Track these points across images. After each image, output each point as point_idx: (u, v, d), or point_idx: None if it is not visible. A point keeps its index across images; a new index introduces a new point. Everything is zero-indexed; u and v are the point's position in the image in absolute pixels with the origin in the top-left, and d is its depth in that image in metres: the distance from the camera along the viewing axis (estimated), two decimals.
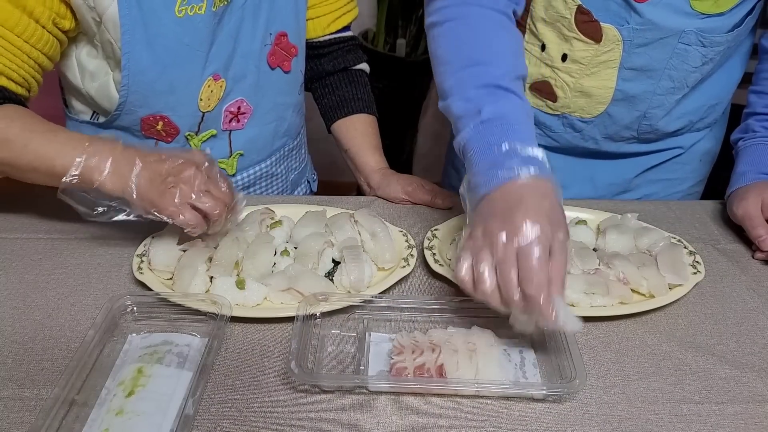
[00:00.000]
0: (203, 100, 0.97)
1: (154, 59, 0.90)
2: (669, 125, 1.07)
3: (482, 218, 0.69)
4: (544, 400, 0.68)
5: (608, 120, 1.05)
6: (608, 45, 0.96)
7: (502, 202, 0.68)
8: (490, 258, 0.67)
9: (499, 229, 0.66)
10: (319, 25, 1.11)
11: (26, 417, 0.64)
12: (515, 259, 0.65)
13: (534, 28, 1.02)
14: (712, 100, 1.07)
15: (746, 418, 0.67)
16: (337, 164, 1.35)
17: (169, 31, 0.89)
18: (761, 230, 0.92)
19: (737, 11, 0.93)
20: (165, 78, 0.92)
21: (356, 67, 1.18)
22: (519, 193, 0.68)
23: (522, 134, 0.72)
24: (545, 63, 1.03)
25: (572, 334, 0.68)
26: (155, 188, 0.77)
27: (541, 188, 0.69)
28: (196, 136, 1.01)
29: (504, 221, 0.66)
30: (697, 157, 1.16)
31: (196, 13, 0.89)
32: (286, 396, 0.68)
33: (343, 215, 0.92)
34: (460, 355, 0.70)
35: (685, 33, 0.94)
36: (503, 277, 0.65)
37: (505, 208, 0.67)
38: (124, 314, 0.75)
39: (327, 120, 1.18)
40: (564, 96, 1.04)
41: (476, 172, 0.72)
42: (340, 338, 0.75)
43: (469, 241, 0.70)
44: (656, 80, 1.00)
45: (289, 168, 1.20)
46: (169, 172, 0.78)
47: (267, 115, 1.07)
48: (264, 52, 1.01)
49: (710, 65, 0.99)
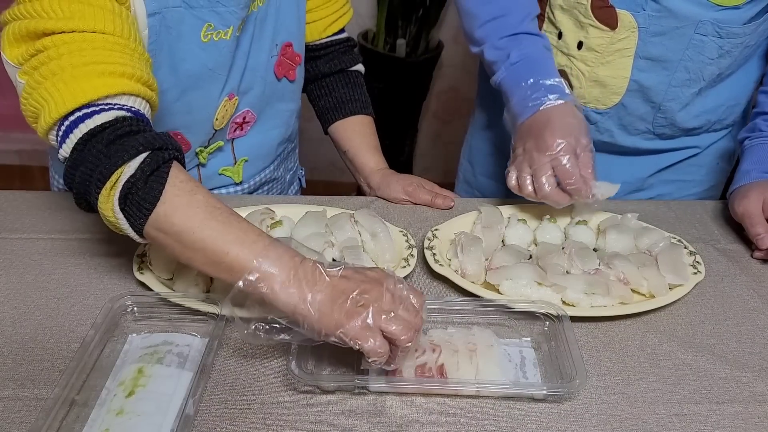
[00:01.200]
0: (218, 119, 0.97)
1: (175, 82, 0.88)
2: (687, 121, 1.07)
3: (522, 140, 0.92)
4: (544, 400, 0.68)
5: (623, 111, 1.05)
6: (623, 32, 0.97)
7: (534, 125, 0.90)
8: (528, 169, 0.91)
9: (534, 146, 0.90)
10: (315, 30, 1.11)
11: (26, 417, 0.64)
12: (548, 167, 0.88)
13: (552, 16, 1.03)
14: (731, 101, 1.07)
15: (746, 418, 0.68)
16: (337, 164, 1.35)
17: (194, 57, 0.88)
18: (760, 228, 0.92)
19: (753, 6, 0.94)
20: (183, 100, 0.91)
21: (352, 69, 1.18)
22: (546, 116, 0.90)
23: (544, 68, 0.95)
24: (561, 51, 1.04)
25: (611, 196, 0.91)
26: (339, 307, 0.64)
27: (563, 109, 0.90)
28: (204, 150, 1.01)
29: (537, 140, 0.89)
30: (713, 159, 1.15)
31: (221, 39, 0.88)
32: (286, 396, 0.68)
33: (343, 215, 0.92)
34: (461, 356, 0.70)
35: (702, 23, 0.94)
36: (537, 181, 0.89)
37: (537, 130, 0.90)
38: (125, 314, 0.75)
39: (324, 122, 1.18)
40: (579, 86, 1.04)
41: (513, 104, 0.94)
42: None
43: (513, 160, 0.94)
44: (671, 71, 1.00)
45: (286, 169, 1.20)
46: (353, 291, 0.65)
47: (270, 122, 1.07)
48: (271, 63, 1.00)
49: (727, 59, 0.99)
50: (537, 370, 0.71)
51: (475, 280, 0.83)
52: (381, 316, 0.64)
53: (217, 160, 1.04)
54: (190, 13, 0.85)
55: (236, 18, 0.88)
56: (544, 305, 0.75)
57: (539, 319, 0.75)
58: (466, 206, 1.03)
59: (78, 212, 0.97)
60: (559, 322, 0.73)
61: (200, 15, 0.85)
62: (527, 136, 0.91)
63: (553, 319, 0.74)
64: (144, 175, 0.66)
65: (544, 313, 0.75)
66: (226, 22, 0.87)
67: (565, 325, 0.73)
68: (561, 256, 0.84)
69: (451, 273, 0.83)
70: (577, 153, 0.88)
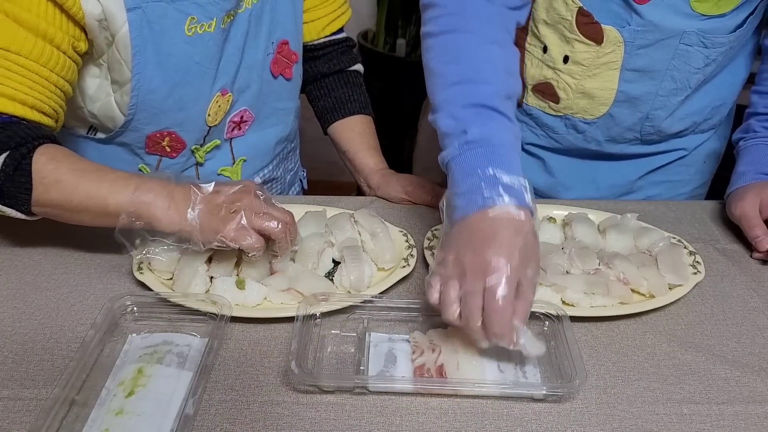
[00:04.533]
0: (211, 115, 0.97)
1: (164, 78, 0.89)
2: (672, 126, 1.07)
3: (455, 246, 0.69)
4: (544, 400, 0.68)
5: (611, 121, 1.05)
6: (609, 47, 0.96)
7: (476, 233, 0.68)
8: (457, 287, 0.67)
9: (470, 262, 0.66)
10: (314, 29, 1.11)
11: (26, 417, 0.64)
12: (481, 294, 0.65)
13: (536, 30, 1.02)
14: (716, 101, 1.07)
15: (746, 418, 0.68)
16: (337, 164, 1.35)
17: (180, 51, 0.88)
18: (758, 231, 0.92)
19: (738, 13, 0.93)
20: (174, 96, 0.91)
21: (351, 69, 1.18)
22: (493, 227, 0.67)
23: (506, 158, 0.71)
24: (547, 65, 1.03)
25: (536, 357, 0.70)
26: (216, 217, 0.75)
27: (517, 222, 0.67)
28: (201, 148, 1.01)
29: (475, 254, 0.66)
30: (701, 158, 1.15)
31: (205, 32, 0.89)
32: (286, 396, 0.68)
33: (343, 215, 0.92)
34: (460, 356, 0.70)
35: (687, 34, 0.94)
36: (467, 309, 0.66)
37: (477, 240, 0.67)
38: (124, 314, 0.75)
39: (323, 122, 1.18)
40: (566, 97, 1.04)
41: (456, 193, 0.72)
42: (340, 338, 0.75)
43: (440, 267, 0.70)
44: (658, 81, 0.99)
45: (286, 170, 1.20)
46: (225, 202, 0.76)
47: (267, 121, 1.07)
48: (267, 61, 1.01)
49: (713, 66, 0.99)
50: (537, 370, 0.71)
51: None
52: (253, 217, 0.76)
53: (215, 160, 1.04)
54: (172, 6, 0.85)
55: (219, 9, 0.89)
56: (544, 305, 0.75)
57: (539, 319, 0.75)
58: None
59: None
60: (559, 321, 0.73)
61: (182, 8, 0.86)
62: (465, 245, 0.68)
63: (553, 318, 0.74)
64: (8, 174, 0.75)
65: (543, 313, 0.75)
66: (208, 14, 0.88)
67: (564, 324, 0.73)
68: (561, 256, 0.84)
69: None
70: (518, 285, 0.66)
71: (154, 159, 0.99)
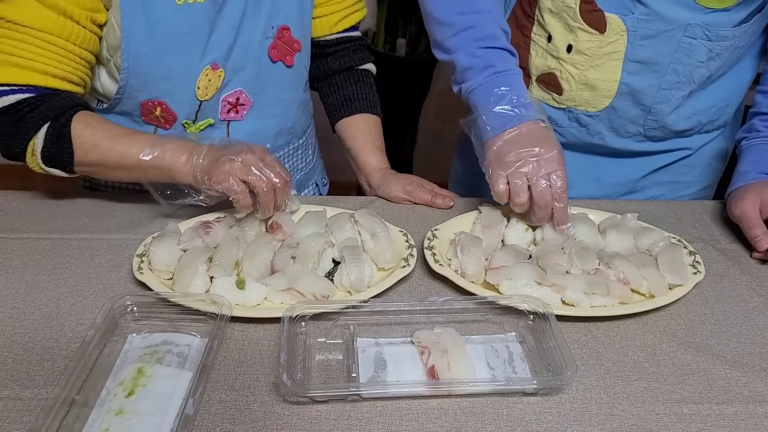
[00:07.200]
0: (201, 88, 0.98)
1: (153, 45, 0.91)
2: (677, 124, 1.07)
3: (513, 146, 0.88)
4: (535, 393, 0.68)
5: (613, 114, 1.05)
6: (612, 36, 0.97)
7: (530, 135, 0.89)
8: (524, 176, 0.87)
9: (529, 157, 0.87)
10: (326, 24, 1.11)
11: (26, 417, 0.64)
12: (547, 179, 0.87)
13: (541, 19, 1.02)
14: (722, 102, 1.07)
15: (746, 418, 0.67)
16: (338, 164, 1.35)
17: (169, 18, 0.90)
18: (758, 230, 0.92)
19: (743, 7, 0.93)
20: (163, 64, 0.93)
21: (362, 67, 1.18)
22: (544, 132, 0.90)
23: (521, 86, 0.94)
24: (551, 54, 1.03)
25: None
26: (213, 164, 0.84)
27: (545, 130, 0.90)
28: (193, 125, 1.01)
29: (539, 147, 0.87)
30: (706, 159, 1.15)
31: (195, 1, 0.91)
32: (286, 396, 0.68)
33: (343, 215, 0.92)
34: (450, 356, 0.70)
35: (691, 26, 0.94)
36: (537, 193, 0.87)
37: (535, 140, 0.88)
38: (124, 314, 0.75)
39: (331, 119, 1.19)
40: (569, 89, 1.04)
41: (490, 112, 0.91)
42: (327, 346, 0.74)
43: (502, 163, 0.89)
44: (661, 74, 1.00)
45: (295, 168, 1.19)
46: (227, 153, 0.85)
47: (268, 109, 1.07)
48: (265, 44, 1.01)
49: (717, 62, 0.99)
50: (525, 364, 0.71)
51: (475, 280, 0.83)
52: (242, 167, 0.83)
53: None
54: None
55: None
56: (527, 299, 0.76)
57: (523, 313, 0.76)
58: (466, 206, 1.04)
59: (78, 212, 0.97)
60: (544, 318, 0.74)
61: None
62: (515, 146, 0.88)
63: (538, 315, 0.75)
64: (53, 142, 0.87)
65: (529, 310, 0.75)
66: None
67: (549, 317, 0.73)
68: (561, 256, 0.84)
69: (451, 273, 0.83)
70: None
71: (150, 129, 1.00)
